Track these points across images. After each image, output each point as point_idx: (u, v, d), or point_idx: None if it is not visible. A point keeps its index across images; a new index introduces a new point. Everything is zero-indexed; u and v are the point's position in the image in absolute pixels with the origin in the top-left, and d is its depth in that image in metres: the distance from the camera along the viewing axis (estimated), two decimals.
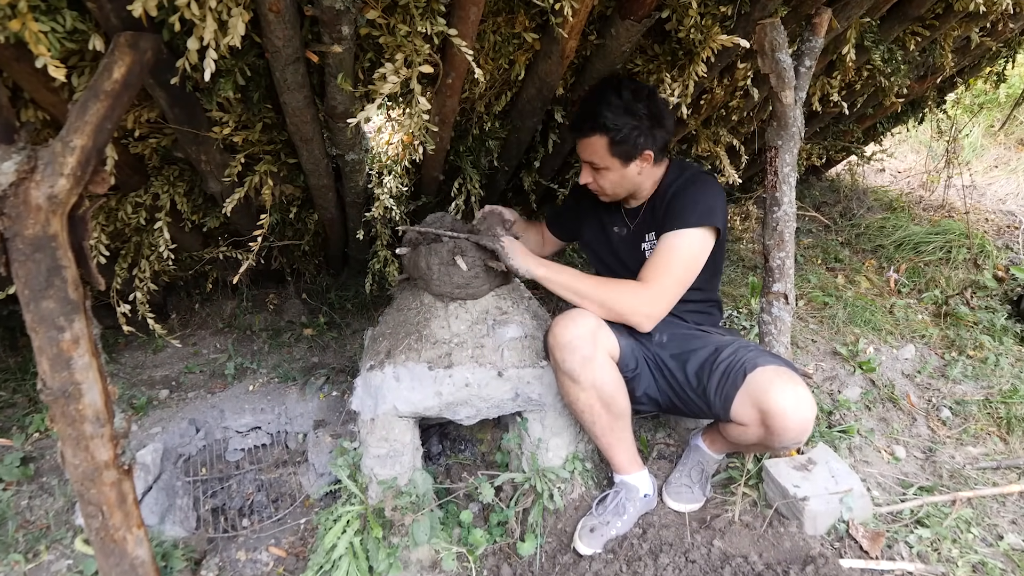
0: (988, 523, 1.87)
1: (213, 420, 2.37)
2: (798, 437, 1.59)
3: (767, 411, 1.57)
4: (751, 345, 1.78)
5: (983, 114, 5.52)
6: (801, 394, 1.57)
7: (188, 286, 3.06)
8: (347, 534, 1.76)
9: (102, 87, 1.23)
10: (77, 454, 1.28)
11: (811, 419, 1.57)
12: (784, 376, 1.60)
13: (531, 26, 1.77)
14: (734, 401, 1.65)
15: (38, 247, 1.18)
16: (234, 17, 1.26)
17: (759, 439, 1.66)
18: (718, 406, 1.68)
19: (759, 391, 1.60)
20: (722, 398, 1.67)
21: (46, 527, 1.95)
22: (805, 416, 1.56)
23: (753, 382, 1.62)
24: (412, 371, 1.86)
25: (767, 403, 1.57)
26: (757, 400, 1.60)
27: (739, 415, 1.65)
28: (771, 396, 1.57)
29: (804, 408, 1.56)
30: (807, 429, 1.58)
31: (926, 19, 2.45)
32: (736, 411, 1.65)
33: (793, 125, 2.04)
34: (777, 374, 1.61)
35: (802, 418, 1.56)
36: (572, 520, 1.89)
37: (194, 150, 1.81)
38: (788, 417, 1.55)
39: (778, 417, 1.56)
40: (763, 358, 1.67)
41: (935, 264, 3.53)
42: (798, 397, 1.56)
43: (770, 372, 1.62)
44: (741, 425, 1.66)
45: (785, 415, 1.55)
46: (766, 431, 1.61)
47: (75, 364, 1.23)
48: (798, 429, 1.57)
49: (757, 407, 1.60)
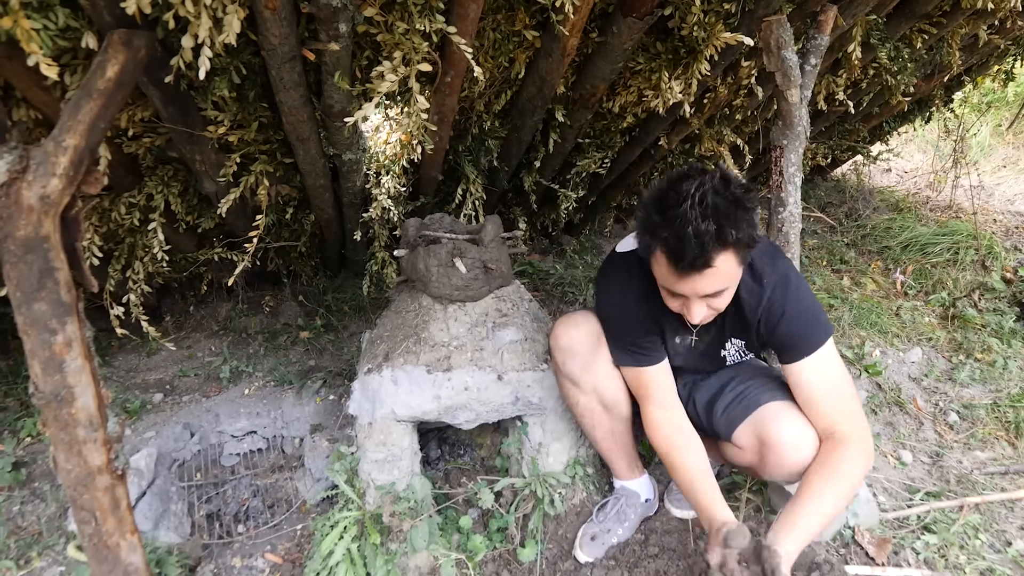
0: (996, 529, 1.87)
1: (208, 424, 2.37)
2: (790, 476, 1.56)
3: (767, 443, 1.54)
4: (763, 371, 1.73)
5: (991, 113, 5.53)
6: (806, 433, 1.52)
7: (183, 288, 3.05)
8: (344, 540, 1.75)
9: (95, 86, 1.23)
10: (70, 459, 1.28)
11: (808, 460, 1.51)
12: (793, 412, 1.56)
13: (531, 23, 1.78)
14: (738, 427, 1.63)
15: (30, 248, 1.18)
16: (229, 14, 1.27)
17: (750, 464, 1.64)
18: (721, 426, 1.66)
19: (764, 422, 1.56)
20: (727, 421, 1.65)
21: (38, 533, 1.94)
22: (805, 456, 1.51)
23: (760, 414, 1.59)
24: (410, 374, 1.86)
25: (769, 435, 1.54)
26: (760, 430, 1.57)
27: (740, 439, 1.63)
28: (774, 429, 1.53)
29: (805, 448, 1.51)
30: (802, 470, 1.52)
31: (933, 16, 2.46)
32: (738, 436, 1.63)
33: (798, 124, 2.04)
34: (787, 409, 1.56)
35: (801, 457, 1.51)
36: (573, 526, 1.89)
37: (189, 150, 1.81)
38: (786, 455, 1.52)
39: (776, 452, 1.53)
40: (771, 395, 1.61)
41: (942, 266, 3.53)
42: (802, 435, 1.52)
43: (779, 407, 1.58)
44: (738, 448, 1.64)
45: (784, 451, 1.52)
46: (760, 461, 1.59)
47: (68, 367, 1.23)
48: (793, 469, 1.53)
49: (758, 436, 1.57)
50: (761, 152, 3.23)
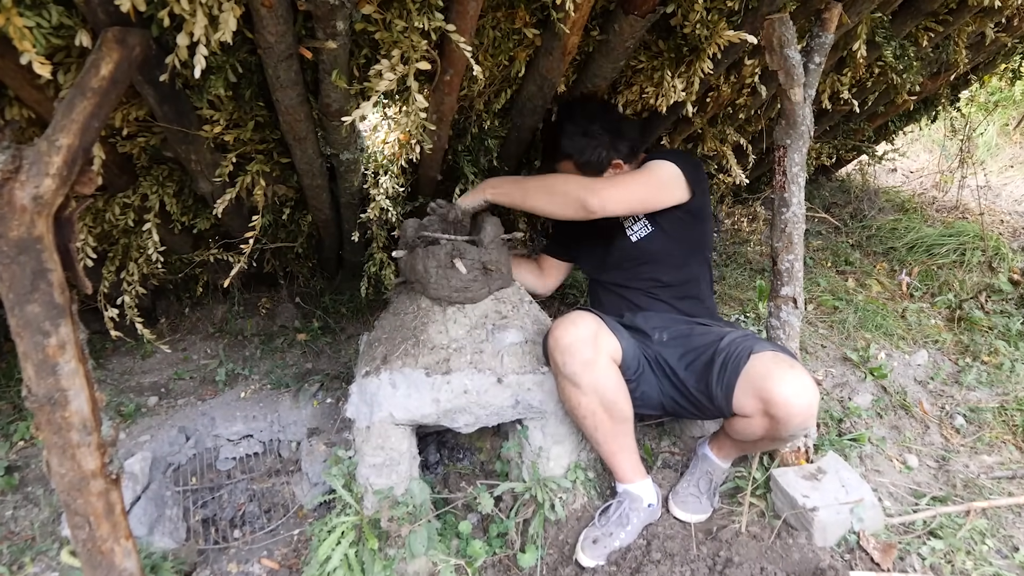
0: (1003, 535, 1.86)
1: (203, 428, 2.37)
2: (804, 423, 1.61)
3: (768, 399, 1.60)
4: (749, 334, 1.82)
5: (998, 112, 5.52)
6: (801, 379, 1.60)
7: (178, 290, 3.05)
8: (342, 546, 1.75)
9: (89, 84, 1.23)
10: (63, 463, 1.28)
11: (815, 403, 1.60)
12: (783, 362, 1.64)
13: (532, 21, 1.77)
14: (735, 391, 1.67)
15: (23, 249, 1.18)
16: (225, 12, 1.26)
17: (765, 431, 1.68)
18: (720, 398, 1.70)
19: (758, 379, 1.63)
20: (723, 388, 1.69)
21: (31, 538, 1.94)
22: (808, 401, 1.58)
23: (752, 369, 1.66)
24: (409, 377, 1.86)
25: (768, 391, 1.60)
26: (758, 389, 1.62)
27: (741, 406, 1.67)
28: (771, 384, 1.60)
29: (807, 393, 1.59)
30: (812, 414, 1.60)
31: (939, 14, 2.46)
32: (738, 401, 1.68)
33: (802, 123, 2.04)
34: (775, 361, 1.65)
35: (806, 403, 1.58)
36: (574, 531, 1.89)
37: (184, 149, 1.81)
38: (791, 404, 1.58)
39: (781, 405, 1.58)
40: (760, 344, 1.71)
41: (948, 267, 3.53)
42: (799, 382, 1.59)
43: (767, 358, 1.66)
44: (745, 417, 1.69)
45: (788, 402, 1.58)
46: (770, 421, 1.63)
47: (61, 370, 1.23)
48: (803, 415, 1.59)
49: (758, 396, 1.63)
50: (764, 152, 3.24)
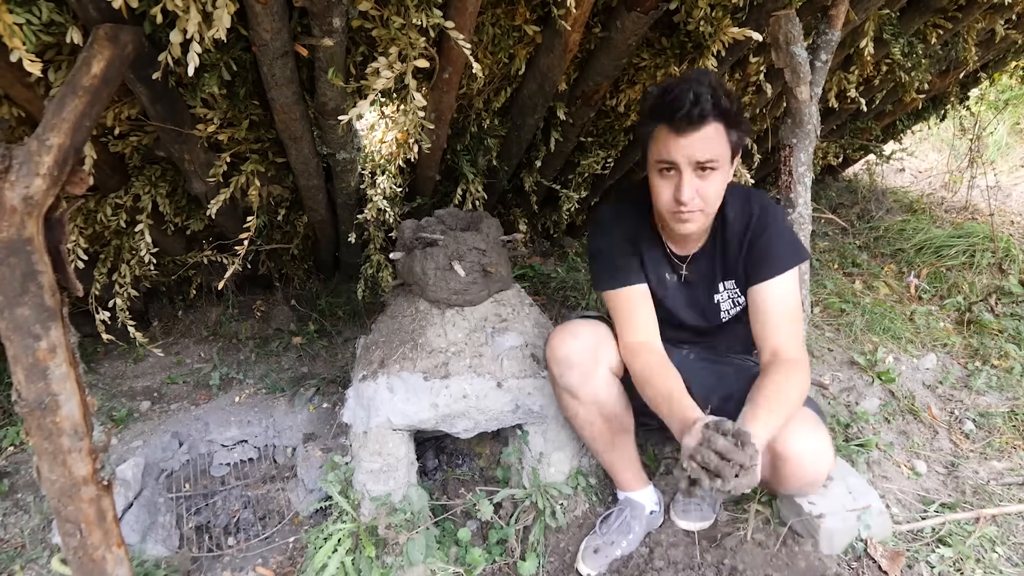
0: (1014, 542, 1.86)
1: (197, 433, 2.36)
2: (808, 487, 1.57)
3: (779, 452, 1.54)
4: None
5: (1008, 111, 5.52)
6: (821, 443, 1.53)
7: (171, 292, 3.06)
8: (338, 553, 1.75)
9: (80, 82, 1.23)
10: (54, 469, 1.27)
11: (824, 471, 1.53)
12: (807, 420, 1.56)
13: (532, 18, 1.78)
14: None
15: (13, 251, 1.18)
16: (219, 8, 1.27)
17: (766, 479, 1.63)
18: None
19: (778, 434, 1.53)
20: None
21: (21, 546, 1.94)
22: (819, 468, 1.53)
23: None
24: (407, 381, 1.86)
25: (782, 446, 1.53)
26: (773, 443, 1.53)
27: None
28: (787, 440, 1.52)
29: (820, 459, 1.52)
30: (818, 481, 1.54)
31: (948, 11, 2.46)
32: None
33: (808, 122, 2.04)
34: (801, 415, 1.56)
35: (815, 469, 1.53)
36: (575, 538, 1.89)
37: (177, 149, 1.81)
38: (802, 464, 1.52)
39: (791, 461, 1.53)
40: None
41: (958, 269, 3.53)
42: (817, 445, 1.52)
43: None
44: None
45: (800, 462, 1.52)
46: (773, 473, 1.59)
47: (52, 374, 1.23)
48: (809, 479, 1.54)
49: (771, 449, 1.55)
50: (770, 151, 3.24)
